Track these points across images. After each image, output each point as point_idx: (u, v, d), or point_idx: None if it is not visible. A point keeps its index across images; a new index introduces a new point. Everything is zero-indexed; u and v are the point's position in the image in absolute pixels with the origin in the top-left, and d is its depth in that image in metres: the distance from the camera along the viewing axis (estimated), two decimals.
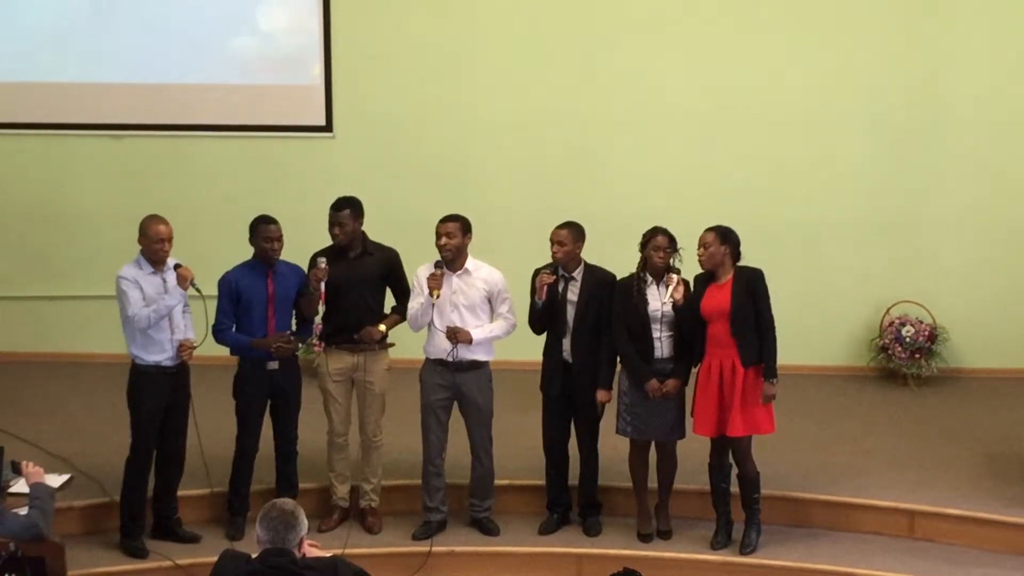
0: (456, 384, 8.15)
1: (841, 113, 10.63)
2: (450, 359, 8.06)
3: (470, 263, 8.13)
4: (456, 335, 7.99)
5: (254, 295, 8.03)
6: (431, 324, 8.09)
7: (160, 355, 7.84)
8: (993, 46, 10.51)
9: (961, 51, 10.52)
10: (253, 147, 10.83)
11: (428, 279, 8.00)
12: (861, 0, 10.53)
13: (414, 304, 8.11)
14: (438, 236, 8.03)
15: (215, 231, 10.17)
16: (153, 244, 7.79)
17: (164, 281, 7.83)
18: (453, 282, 8.06)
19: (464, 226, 8.08)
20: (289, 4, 10.72)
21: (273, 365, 8.07)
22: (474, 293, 8.11)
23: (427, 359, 8.22)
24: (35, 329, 10.99)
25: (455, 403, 8.23)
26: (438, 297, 7.99)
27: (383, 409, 8.33)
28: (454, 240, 8.02)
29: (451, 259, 8.03)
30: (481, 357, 8.16)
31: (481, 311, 8.13)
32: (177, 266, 7.84)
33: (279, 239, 8.03)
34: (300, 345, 8.32)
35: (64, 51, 10.76)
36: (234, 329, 8.03)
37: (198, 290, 7.89)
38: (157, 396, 7.86)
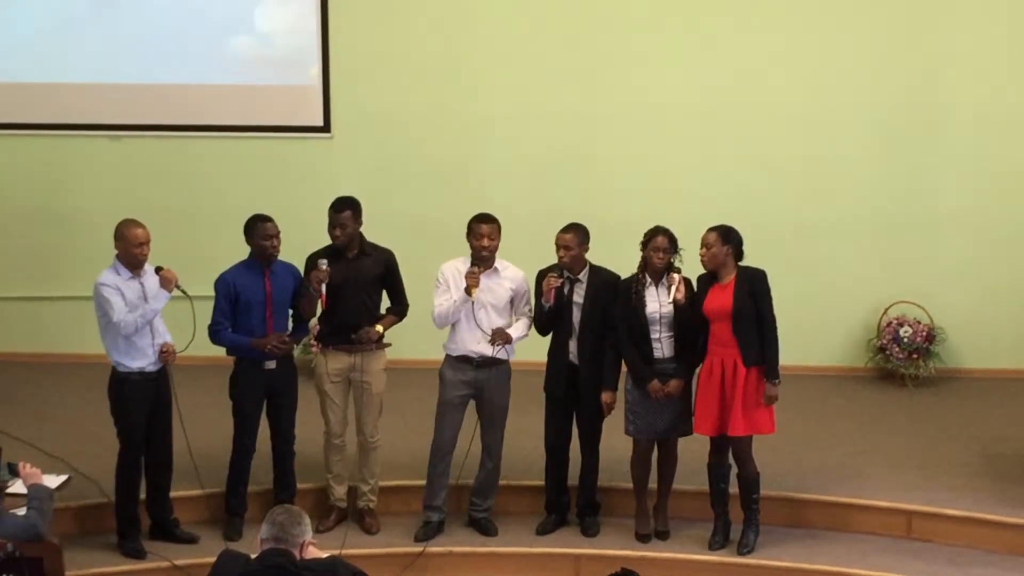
0: (479, 381, 8.15)
1: (840, 113, 10.63)
2: (501, 355, 8.05)
3: (498, 263, 8.15)
4: (502, 337, 8.01)
5: (252, 295, 8.00)
6: (455, 322, 8.10)
7: (143, 361, 7.78)
8: (993, 46, 10.51)
9: (961, 51, 10.52)
10: (251, 148, 10.82)
11: (467, 276, 7.98)
12: (861, 0, 10.54)
13: (443, 301, 8.09)
14: (479, 236, 8.01)
15: (213, 231, 10.17)
16: (132, 248, 7.70)
17: (142, 286, 7.76)
18: (482, 282, 8.06)
19: (499, 227, 8.09)
20: (287, 5, 10.72)
21: (270, 365, 8.06)
22: (502, 292, 8.12)
23: (448, 356, 8.21)
24: (34, 329, 11.00)
25: (471, 401, 8.23)
26: (475, 296, 8.00)
27: (380, 410, 8.33)
28: (495, 241, 8.05)
29: (487, 258, 8.05)
30: (503, 355, 8.17)
31: (506, 310, 8.15)
32: (159, 269, 7.78)
33: (277, 236, 8.00)
34: (296, 345, 8.31)
35: (63, 52, 10.77)
36: (230, 329, 8.01)
37: (184, 292, 7.84)
38: (142, 401, 7.80)
